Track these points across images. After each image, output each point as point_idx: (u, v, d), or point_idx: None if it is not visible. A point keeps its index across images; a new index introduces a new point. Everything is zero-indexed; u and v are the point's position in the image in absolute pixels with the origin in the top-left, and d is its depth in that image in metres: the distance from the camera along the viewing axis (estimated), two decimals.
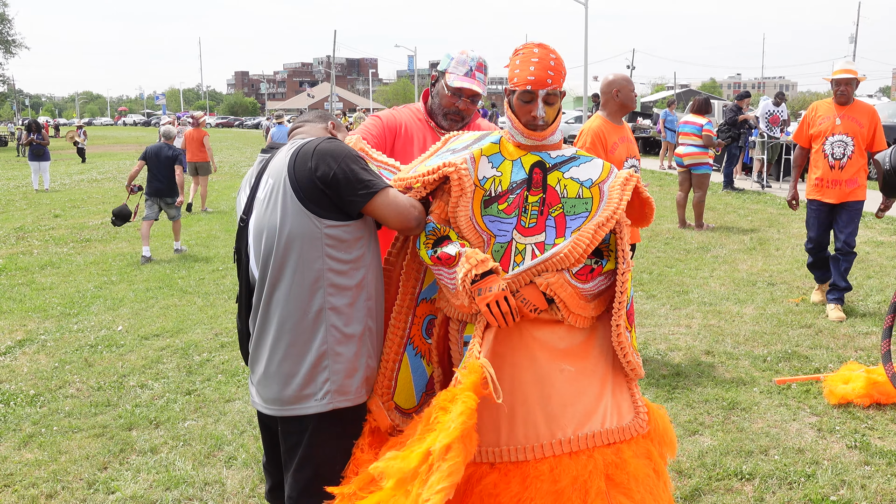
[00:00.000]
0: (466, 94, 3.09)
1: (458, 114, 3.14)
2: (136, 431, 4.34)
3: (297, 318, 2.38)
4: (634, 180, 2.57)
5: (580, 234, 2.46)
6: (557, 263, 2.44)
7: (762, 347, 5.53)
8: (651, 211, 2.67)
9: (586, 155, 2.63)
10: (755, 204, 12.96)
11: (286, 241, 2.36)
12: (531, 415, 2.41)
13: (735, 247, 9.30)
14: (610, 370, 2.54)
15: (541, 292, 2.44)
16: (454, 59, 3.09)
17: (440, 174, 2.49)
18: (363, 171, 2.38)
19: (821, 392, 4.61)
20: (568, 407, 2.42)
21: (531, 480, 2.33)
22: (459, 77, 3.06)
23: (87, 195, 16.87)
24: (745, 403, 4.50)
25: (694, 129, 10.65)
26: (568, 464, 2.35)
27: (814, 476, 3.64)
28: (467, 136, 2.80)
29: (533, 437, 2.39)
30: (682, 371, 5.07)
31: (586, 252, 2.45)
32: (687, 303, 6.76)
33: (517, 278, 2.45)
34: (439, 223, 2.54)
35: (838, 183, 6.17)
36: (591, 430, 2.40)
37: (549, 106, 2.49)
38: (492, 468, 2.38)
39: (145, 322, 6.59)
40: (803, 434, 4.11)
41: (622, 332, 2.50)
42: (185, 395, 4.88)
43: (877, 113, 6.29)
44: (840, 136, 6.15)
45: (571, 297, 2.45)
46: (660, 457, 2.51)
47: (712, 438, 4.07)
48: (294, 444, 2.46)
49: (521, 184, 2.51)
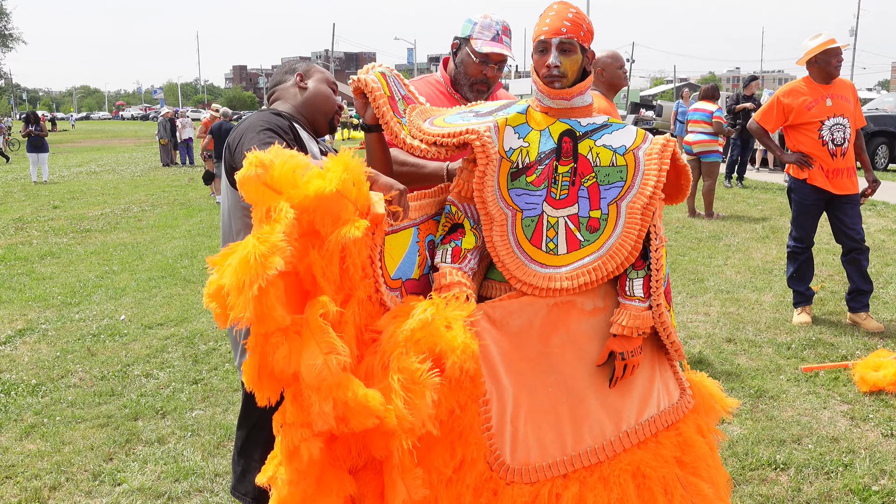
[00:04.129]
0: (495, 59, 2.88)
1: (486, 82, 2.92)
2: (141, 421, 4.18)
3: None
4: (672, 146, 2.40)
5: (628, 222, 2.32)
6: (614, 258, 2.31)
7: (785, 335, 5.37)
8: (688, 182, 2.51)
9: (619, 122, 2.47)
10: (764, 193, 12.80)
11: (225, 216, 2.43)
12: (593, 413, 2.28)
13: (747, 235, 9.14)
14: (653, 350, 2.44)
15: (629, 337, 2.32)
16: (478, 23, 2.87)
17: (461, 139, 2.31)
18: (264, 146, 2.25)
19: (850, 379, 4.45)
20: (626, 396, 2.32)
21: (613, 480, 2.21)
22: (487, 42, 2.84)
23: (87, 187, 16.68)
24: (773, 391, 4.34)
25: (704, 115, 10.48)
26: (642, 455, 2.24)
27: (851, 465, 3.49)
28: (491, 102, 2.64)
29: (599, 436, 2.27)
30: (704, 359, 4.91)
31: (640, 239, 2.32)
32: (703, 290, 6.60)
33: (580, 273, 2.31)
34: (456, 205, 2.40)
35: (840, 172, 5.37)
36: (650, 414, 2.31)
37: (564, 55, 2.33)
38: (567, 479, 2.22)
39: (149, 311, 6.42)
40: (836, 422, 3.96)
41: (664, 312, 2.37)
42: (192, 384, 4.72)
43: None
44: (837, 119, 5.33)
45: (649, 319, 2.35)
46: (707, 429, 2.44)
47: (742, 427, 3.91)
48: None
49: (550, 153, 2.35)
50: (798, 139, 5.47)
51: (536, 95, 2.43)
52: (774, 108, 5.52)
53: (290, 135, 2.41)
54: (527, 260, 2.33)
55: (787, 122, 5.49)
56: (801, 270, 5.68)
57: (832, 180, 5.39)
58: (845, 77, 7.02)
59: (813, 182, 5.42)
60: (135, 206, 13.17)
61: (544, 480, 2.20)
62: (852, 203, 5.45)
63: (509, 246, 2.33)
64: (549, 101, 2.39)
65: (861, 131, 5.56)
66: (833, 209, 5.50)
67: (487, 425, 2.18)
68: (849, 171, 5.42)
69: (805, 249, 5.63)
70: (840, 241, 5.60)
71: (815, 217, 5.60)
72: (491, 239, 2.33)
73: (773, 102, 5.55)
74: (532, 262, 2.33)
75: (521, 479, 2.19)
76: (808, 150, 5.41)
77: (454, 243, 2.38)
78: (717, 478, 2.38)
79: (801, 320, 5.62)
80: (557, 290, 2.30)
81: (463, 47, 2.93)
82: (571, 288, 2.30)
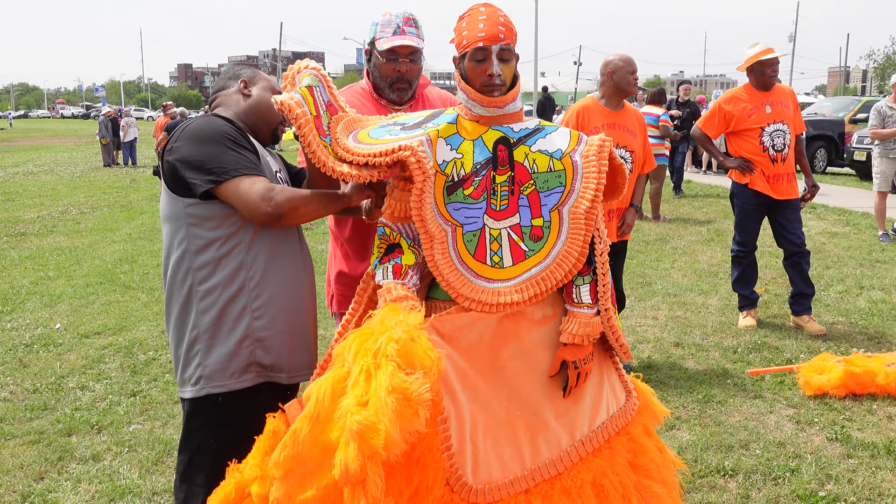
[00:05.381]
0: (402, 52, 2.79)
1: (403, 79, 2.83)
2: (76, 437, 4.00)
3: (173, 300, 2.36)
4: (608, 147, 2.36)
5: (572, 228, 2.28)
6: (561, 266, 2.27)
7: (731, 339, 5.42)
8: (624, 180, 2.48)
9: (550, 124, 2.43)
10: (709, 196, 13.00)
11: (163, 222, 2.37)
12: (548, 424, 2.25)
13: (693, 238, 9.25)
14: (600, 354, 2.44)
15: (579, 345, 2.30)
16: (378, 23, 2.81)
17: (394, 157, 2.18)
18: (217, 156, 2.22)
19: (795, 383, 4.50)
20: (578, 403, 2.30)
21: (574, 491, 2.18)
22: (389, 38, 2.77)
23: (23, 188, 16.11)
24: (720, 396, 4.36)
25: (651, 119, 10.59)
26: (598, 463, 2.24)
27: (798, 471, 3.51)
28: (416, 113, 2.54)
29: (556, 447, 2.24)
30: (653, 364, 4.92)
31: (586, 244, 2.28)
32: (651, 294, 6.63)
33: (529, 285, 2.26)
34: (390, 227, 2.32)
35: (781, 178, 5.47)
36: (601, 420, 2.31)
37: (504, 63, 2.27)
38: (529, 495, 2.18)
39: (85, 319, 6.19)
40: (782, 427, 3.99)
41: (612, 316, 2.36)
42: (130, 396, 4.54)
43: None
44: (777, 125, 5.42)
45: (599, 325, 2.34)
46: (652, 429, 2.48)
47: (690, 433, 3.92)
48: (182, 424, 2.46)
49: (486, 164, 2.29)
50: (739, 145, 5.53)
51: (466, 104, 2.35)
52: (716, 114, 5.59)
53: (246, 141, 2.34)
54: (472, 276, 2.26)
55: (729, 128, 5.56)
56: (745, 274, 5.75)
57: (773, 185, 5.46)
58: (785, 82, 7.20)
59: (754, 187, 5.48)
60: (73, 209, 12.77)
61: (507, 499, 2.16)
62: (793, 208, 5.54)
63: (452, 263, 2.26)
64: (482, 109, 2.32)
65: (801, 137, 5.65)
66: (774, 214, 5.59)
67: (447, 444, 2.10)
68: (789, 176, 5.51)
69: (748, 253, 5.70)
70: (781, 245, 5.69)
71: (757, 221, 5.66)
72: (433, 257, 2.25)
73: (715, 109, 5.61)
74: (478, 278, 2.26)
75: (485, 498, 2.14)
76: (749, 155, 5.48)
77: (394, 261, 2.31)
78: (668, 476, 2.40)
79: (747, 324, 5.67)
80: (507, 304, 2.24)
81: (373, 51, 2.87)
82: (521, 301, 2.25)
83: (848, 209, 10.87)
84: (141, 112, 70.07)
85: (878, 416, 4.10)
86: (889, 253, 8.10)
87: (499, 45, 2.26)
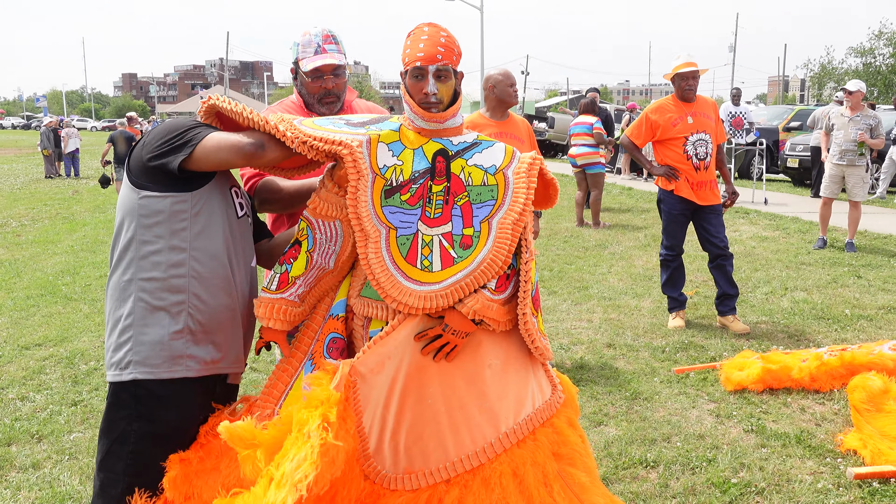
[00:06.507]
0: (325, 70, 2.94)
1: (331, 93, 2.98)
2: (15, 447, 4.03)
3: (114, 287, 2.43)
4: (538, 165, 2.54)
5: (498, 237, 2.42)
6: (486, 272, 2.40)
7: (660, 339, 5.66)
8: (555, 192, 2.68)
9: (488, 140, 2.59)
10: (648, 203, 13.36)
11: (117, 213, 2.47)
12: (472, 418, 2.38)
13: (631, 244, 9.54)
14: (528, 353, 2.57)
15: (466, 318, 2.40)
16: (300, 43, 2.95)
17: (331, 148, 2.36)
18: (185, 132, 2.38)
19: (717, 380, 4.75)
20: (503, 399, 2.43)
21: (494, 481, 2.31)
22: (311, 58, 2.92)
23: None
24: (647, 393, 4.58)
25: (585, 128, 10.90)
26: (521, 454, 2.36)
27: (715, 460, 3.72)
28: (363, 115, 2.73)
29: (480, 439, 2.37)
30: (585, 364, 5.13)
31: (510, 252, 2.43)
32: (587, 298, 6.86)
33: (446, 293, 2.39)
34: (308, 220, 2.51)
35: (703, 185, 5.75)
36: (526, 413, 2.43)
37: (441, 83, 2.43)
38: (449, 484, 2.32)
39: (26, 331, 6.17)
40: (703, 420, 4.21)
41: (529, 320, 2.50)
42: (71, 406, 4.57)
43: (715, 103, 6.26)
44: (700, 135, 5.70)
45: (497, 311, 2.44)
46: (576, 421, 2.61)
47: (617, 428, 4.12)
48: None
49: (425, 173, 2.45)
50: (665, 153, 5.83)
51: (409, 116, 2.51)
52: (643, 124, 5.89)
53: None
54: (402, 278, 2.40)
55: (655, 137, 5.85)
56: (674, 277, 6.02)
57: (696, 192, 5.76)
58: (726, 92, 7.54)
59: (679, 193, 5.77)
60: (13, 221, 12.58)
61: (426, 487, 2.29)
62: (716, 213, 5.84)
63: (384, 263, 2.40)
64: (423, 122, 2.47)
65: (722, 146, 5.97)
66: (698, 219, 5.88)
67: (364, 445, 2.31)
68: (711, 183, 5.82)
69: (676, 257, 5.97)
70: (706, 248, 5.98)
71: (682, 226, 5.93)
72: (366, 256, 2.40)
73: (642, 119, 5.91)
74: (407, 280, 2.40)
75: (403, 485, 2.29)
76: (674, 163, 5.77)
77: (285, 267, 2.51)
78: (591, 465, 2.54)
79: (675, 325, 5.93)
80: (432, 307, 2.39)
81: (298, 70, 3.01)
82: (445, 305, 2.39)
83: (779, 214, 11.31)
84: (84, 122, 68.50)
85: (792, 408, 4.36)
86: (814, 256, 8.49)
87: (435, 65, 2.41)
